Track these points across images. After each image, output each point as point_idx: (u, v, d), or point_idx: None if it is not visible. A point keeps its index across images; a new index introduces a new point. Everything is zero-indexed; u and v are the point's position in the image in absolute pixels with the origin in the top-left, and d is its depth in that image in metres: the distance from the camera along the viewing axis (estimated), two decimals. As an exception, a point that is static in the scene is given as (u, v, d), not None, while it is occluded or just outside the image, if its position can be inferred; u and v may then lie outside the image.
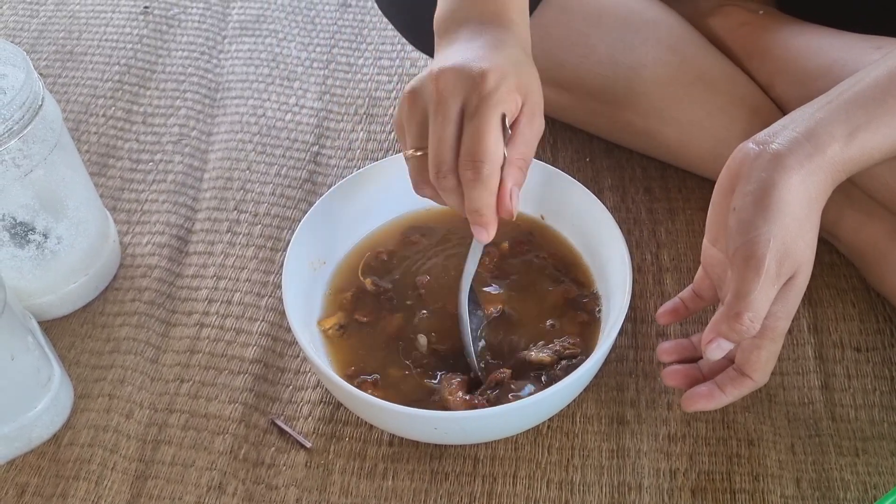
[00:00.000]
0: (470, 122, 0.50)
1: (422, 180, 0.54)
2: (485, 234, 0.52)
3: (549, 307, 0.61)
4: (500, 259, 0.64)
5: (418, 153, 0.53)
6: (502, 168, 0.51)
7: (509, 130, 0.50)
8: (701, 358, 0.56)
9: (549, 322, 0.60)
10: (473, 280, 0.58)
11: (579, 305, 0.61)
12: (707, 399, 0.53)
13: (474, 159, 0.49)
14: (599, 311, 0.60)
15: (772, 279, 0.47)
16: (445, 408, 0.55)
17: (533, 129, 0.52)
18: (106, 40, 0.92)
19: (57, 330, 0.67)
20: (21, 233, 0.61)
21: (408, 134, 0.53)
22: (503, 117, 0.50)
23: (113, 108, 0.85)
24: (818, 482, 0.56)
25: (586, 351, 0.58)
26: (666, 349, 0.57)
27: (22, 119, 0.56)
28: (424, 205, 0.67)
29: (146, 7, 0.88)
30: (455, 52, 0.52)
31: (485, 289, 0.62)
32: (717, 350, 0.49)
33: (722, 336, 0.49)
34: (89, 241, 0.66)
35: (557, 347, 0.58)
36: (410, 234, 0.66)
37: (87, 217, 0.65)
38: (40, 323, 0.64)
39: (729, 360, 0.53)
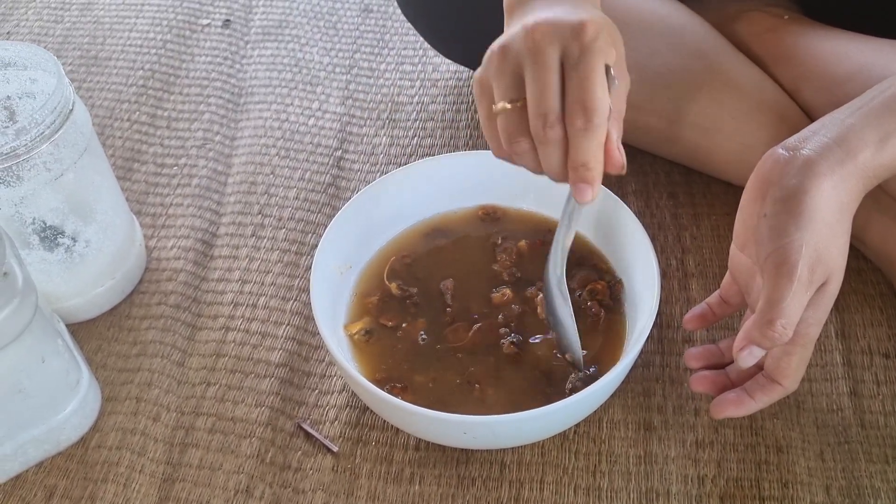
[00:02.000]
0: (575, 70, 0.47)
1: (517, 133, 0.49)
2: (590, 191, 0.49)
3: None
4: (518, 258, 0.64)
5: (508, 105, 0.49)
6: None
7: (615, 80, 0.48)
8: (729, 364, 0.56)
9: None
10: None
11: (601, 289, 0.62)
12: (736, 406, 0.52)
13: (585, 107, 0.47)
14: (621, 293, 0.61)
15: (804, 286, 0.47)
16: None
17: (624, 84, 0.51)
18: (130, 45, 0.93)
19: (84, 333, 0.67)
20: (50, 236, 0.61)
21: (496, 89, 0.50)
22: (608, 68, 0.48)
23: (137, 113, 0.85)
24: (848, 489, 0.55)
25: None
26: (693, 355, 0.57)
27: (53, 123, 0.57)
28: (448, 208, 0.68)
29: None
30: (540, 11, 0.50)
31: (498, 289, 0.62)
32: (749, 357, 0.49)
33: (754, 343, 0.48)
34: (116, 244, 0.67)
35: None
36: (435, 237, 0.67)
37: (114, 221, 0.66)
38: (68, 326, 0.64)
39: (757, 367, 0.53)
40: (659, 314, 0.65)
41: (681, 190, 0.74)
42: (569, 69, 0.48)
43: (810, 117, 0.68)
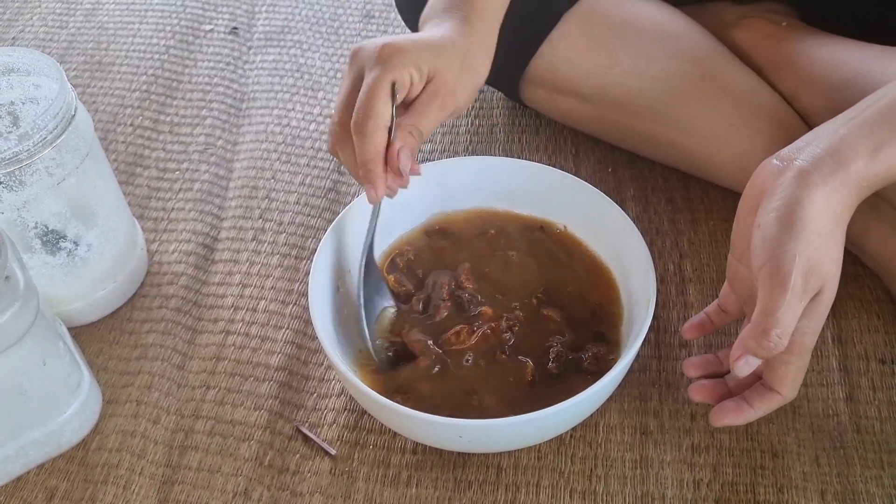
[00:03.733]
0: (364, 83, 0.56)
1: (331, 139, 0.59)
2: (372, 192, 0.57)
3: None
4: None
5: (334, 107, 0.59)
6: (395, 130, 0.56)
7: (397, 97, 0.56)
8: (727, 373, 0.56)
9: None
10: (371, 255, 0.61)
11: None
12: (735, 414, 0.53)
13: (359, 114, 0.55)
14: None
15: (798, 295, 0.48)
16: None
17: (433, 106, 0.57)
18: (133, 51, 0.94)
19: (86, 336, 0.68)
20: (52, 240, 0.62)
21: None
22: (392, 84, 0.55)
23: (140, 118, 0.86)
24: (843, 494, 0.55)
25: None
26: (692, 364, 0.57)
27: (56, 129, 0.58)
28: (447, 212, 0.68)
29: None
30: (381, 37, 0.59)
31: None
32: (745, 367, 0.49)
33: (750, 352, 0.49)
34: (118, 248, 0.67)
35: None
36: (435, 239, 0.67)
37: (116, 225, 0.66)
38: (69, 329, 0.65)
39: (756, 376, 0.53)
40: (656, 319, 0.65)
41: (679, 195, 0.74)
42: (363, 83, 0.56)
43: (808, 123, 0.68)
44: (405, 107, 0.58)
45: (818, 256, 0.48)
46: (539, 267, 0.64)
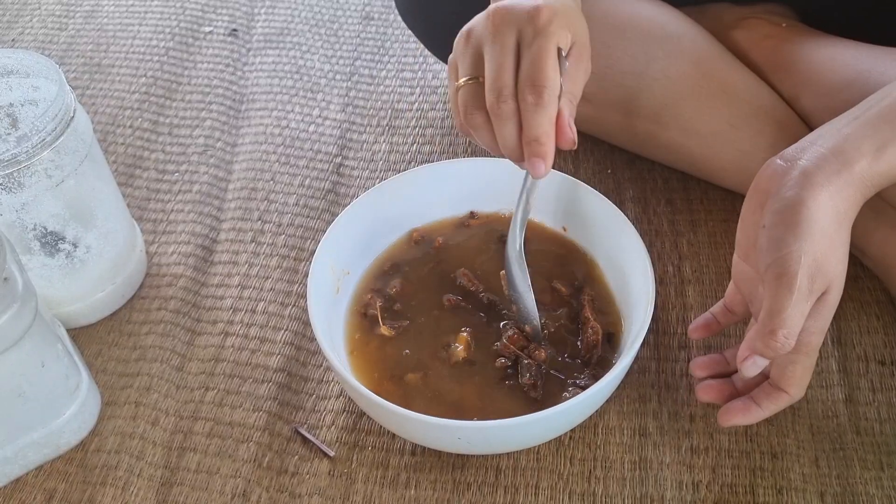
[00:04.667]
0: (528, 50, 0.51)
1: (474, 106, 0.53)
2: (542, 166, 0.51)
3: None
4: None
5: (470, 80, 0.53)
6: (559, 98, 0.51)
7: (566, 62, 0.52)
8: (734, 373, 0.56)
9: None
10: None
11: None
12: (743, 414, 0.53)
13: (536, 83, 0.50)
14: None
15: (804, 296, 0.48)
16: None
17: (580, 69, 0.54)
18: (133, 53, 0.94)
19: (84, 338, 0.68)
20: (51, 242, 0.62)
21: (460, 67, 0.54)
22: (559, 49, 0.51)
23: (140, 120, 0.86)
24: (842, 496, 0.55)
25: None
26: (700, 364, 0.57)
27: (54, 130, 0.58)
28: (447, 215, 0.68)
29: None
30: None
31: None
32: (752, 367, 0.49)
33: (757, 353, 0.49)
34: (117, 250, 0.67)
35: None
36: (430, 241, 0.67)
37: (115, 227, 0.66)
38: (68, 331, 0.65)
39: (763, 376, 0.53)
40: (655, 320, 0.65)
41: (678, 196, 0.74)
42: (523, 49, 0.51)
43: (808, 124, 0.68)
44: None
45: (823, 256, 0.48)
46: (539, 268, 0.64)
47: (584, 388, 0.56)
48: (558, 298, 0.62)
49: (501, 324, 0.60)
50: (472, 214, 0.68)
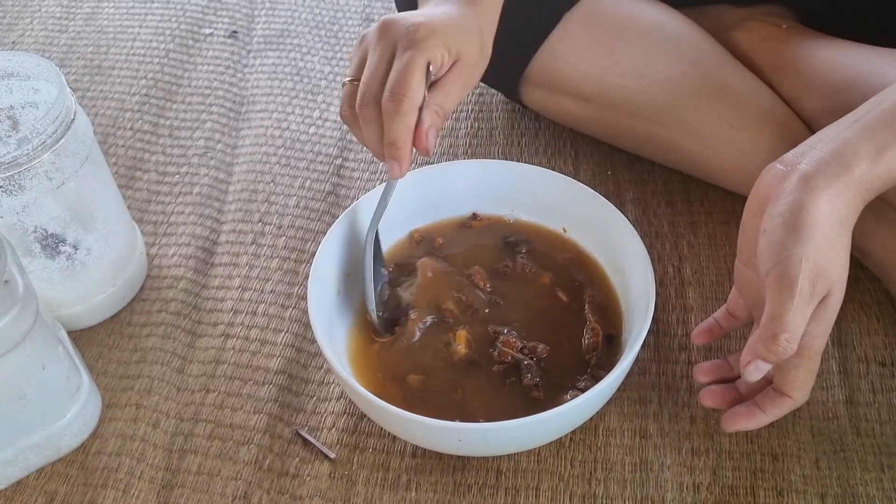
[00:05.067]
0: (398, 61, 0.56)
1: (348, 105, 0.59)
2: (398, 168, 0.57)
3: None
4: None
5: (353, 81, 0.59)
6: (422, 110, 0.56)
7: (432, 76, 0.56)
8: (738, 377, 0.56)
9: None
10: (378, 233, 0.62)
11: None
12: (747, 419, 0.53)
13: (395, 92, 0.55)
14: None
15: (806, 300, 0.48)
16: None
17: (456, 86, 0.58)
18: (133, 55, 0.94)
19: (85, 340, 0.68)
20: (52, 244, 0.62)
21: (349, 67, 0.60)
22: (427, 65, 0.56)
23: (140, 122, 0.86)
24: (843, 498, 0.55)
25: None
26: (703, 369, 0.57)
27: (55, 133, 0.58)
28: (446, 216, 0.68)
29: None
30: (423, 8, 0.60)
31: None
32: (755, 372, 0.49)
33: (759, 358, 0.49)
34: (117, 252, 0.67)
35: None
36: (431, 241, 0.67)
37: (115, 229, 0.66)
38: (69, 333, 0.65)
39: (767, 380, 0.53)
40: (656, 322, 0.65)
41: (678, 198, 0.74)
42: (395, 60, 0.56)
43: (809, 125, 0.68)
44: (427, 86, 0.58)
45: (824, 260, 0.48)
46: (541, 268, 0.64)
47: (584, 389, 0.56)
48: (560, 304, 0.62)
49: (491, 328, 0.60)
50: (474, 216, 0.68)
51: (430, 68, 0.56)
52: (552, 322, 0.61)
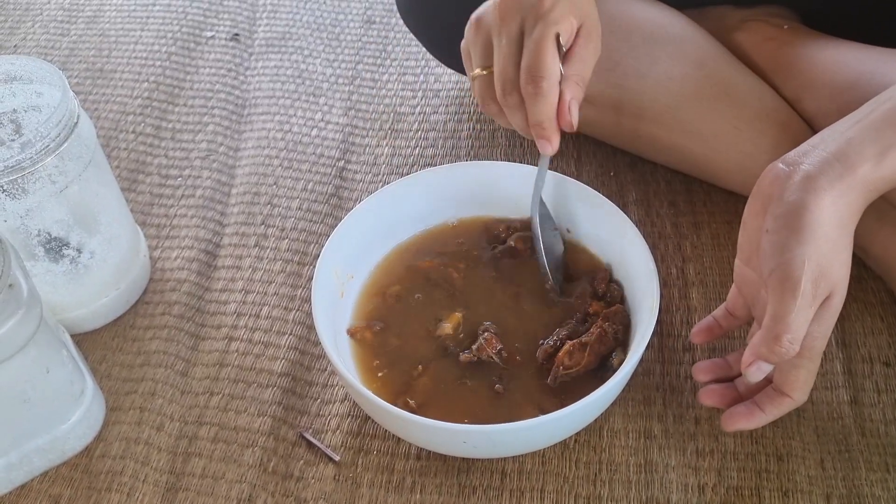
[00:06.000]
0: (528, 40, 0.54)
1: (488, 97, 0.58)
2: (548, 146, 0.57)
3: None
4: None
5: (483, 72, 0.58)
6: (561, 83, 0.55)
7: (563, 49, 0.55)
8: (737, 376, 0.56)
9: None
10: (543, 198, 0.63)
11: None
12: (747, 418, 0.53)
13: (533, 74, 0.54)
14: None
15: (808, 300, 0.48)
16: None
17: (589, 50, 0.57)
18: (135, 58, 0.94)
19: (89, 343, 0.68)
20: (55, 248, 0.62)
21: (473, 56, 0.59)
22: (557, 36, 0.54)
23: (142, 125, 0.86)
24: (848, 498, 0.55)
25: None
26: (702, 368, 0.57)
27: (58, 137, 0.58)
28: (449, 218, 0.68)
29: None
30: None
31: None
32: (757, 372, 0.49)
33: (762, 358, 0.49)
34: (121, 255, 0.67)
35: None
36: (435, 248, 0.67)
37: (119, 232, 0.66)
38: (72, 336, 0.65)
39: (766, 380, 0.53)
40: (659, 323, 0.65)
41: (681, 199, 0.74)
42: (525, 38, 0.55)
43: (811, 125, 0.68)
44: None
45: (827, 261, 0.48)
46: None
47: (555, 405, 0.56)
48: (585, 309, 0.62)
49: (480, 328, 0.60)
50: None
51: (560, 39, 0.54)
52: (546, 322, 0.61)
